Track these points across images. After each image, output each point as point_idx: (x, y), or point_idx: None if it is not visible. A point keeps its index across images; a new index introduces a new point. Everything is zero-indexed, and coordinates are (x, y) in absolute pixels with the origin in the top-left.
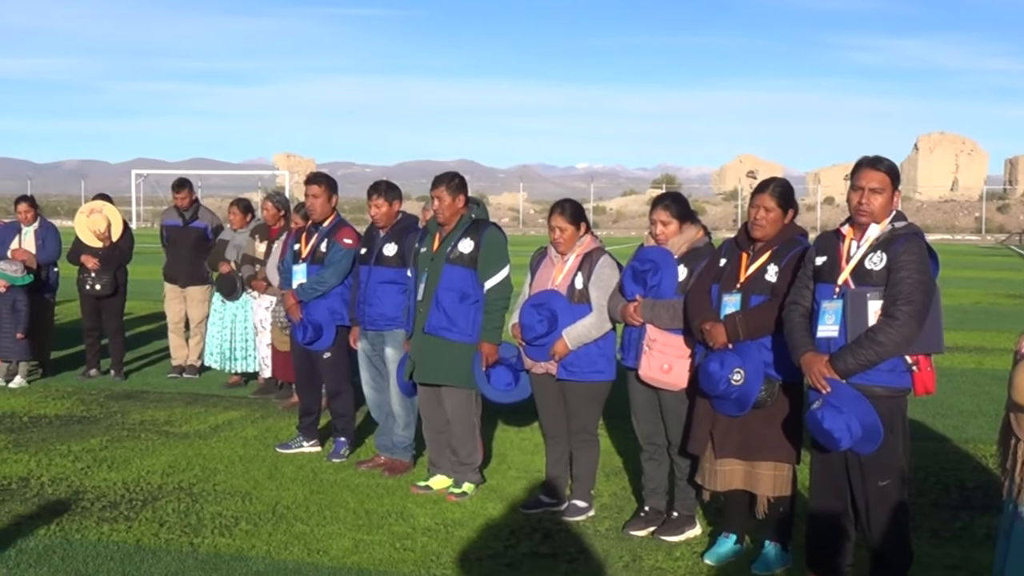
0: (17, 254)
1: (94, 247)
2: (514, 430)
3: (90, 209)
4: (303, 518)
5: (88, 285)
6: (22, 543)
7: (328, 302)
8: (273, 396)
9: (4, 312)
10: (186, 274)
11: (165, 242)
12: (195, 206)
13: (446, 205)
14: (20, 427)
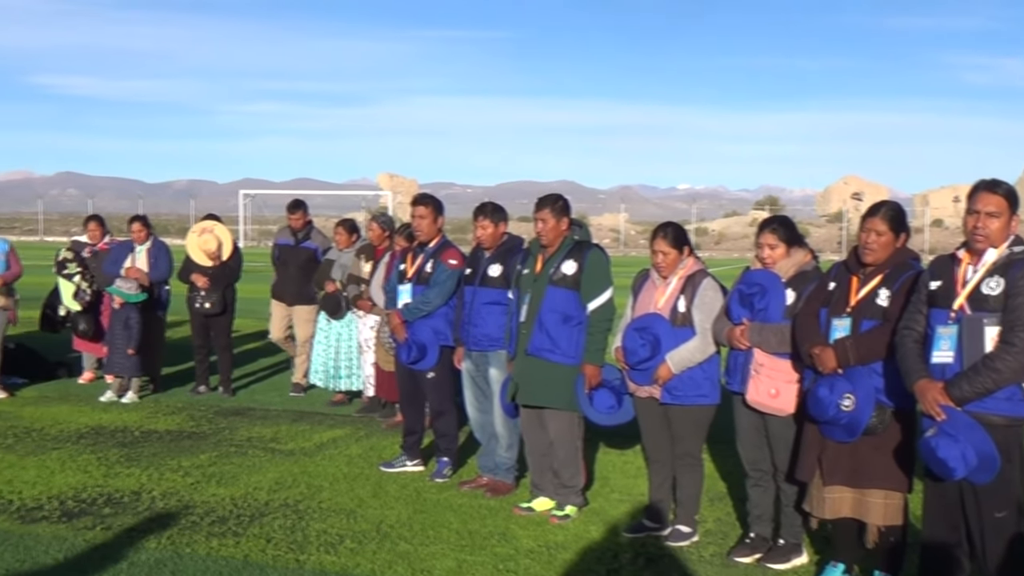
0: (131, 272)
1: (204, 266)
2: (616, 453)
3: (201, 229)
4: (407, 537)
5: (198, 303)
6: (134, 556)
7: (432, 322)
8: (377, 415)
9: (117, 328)
10: (293, 293)
11: (276, 261)
12: (308, 227)
13: (550, 227)
14: (132, 441)
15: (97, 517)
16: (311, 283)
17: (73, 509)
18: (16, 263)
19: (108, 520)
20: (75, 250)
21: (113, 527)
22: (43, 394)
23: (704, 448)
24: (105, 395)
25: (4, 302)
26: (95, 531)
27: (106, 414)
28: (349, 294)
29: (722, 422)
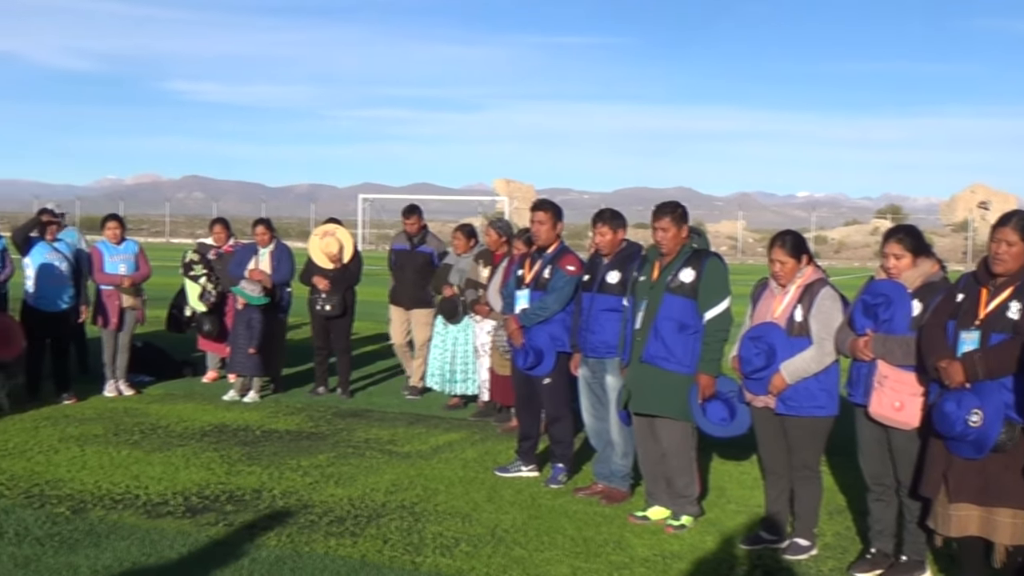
0: (254, 274)
1: (326, 269)
2: (733, 463)
3: (323, 232)
4: (521, 542)
5: (319, 305)
6: (255, 553)
7: (550, 328)
8: (492, 419)
9: (240, 329)
10: (411, 297)
11: (393, 266)
12: (423, 232)
13: (671, 236)
14: (253, 440)
15: (220, 513)
16: (427, 287)
17: (197, 505)
18: (145, 264)
19: (230, 517)
20: (201, 252)
21: (235, 524)
22: (169, 392)
23: (823, 460)
24: (228, 394)
25: (133, 302)
26: (218, 527)
27: (228, 413)
28: (467, 298)
29: (842, 434)
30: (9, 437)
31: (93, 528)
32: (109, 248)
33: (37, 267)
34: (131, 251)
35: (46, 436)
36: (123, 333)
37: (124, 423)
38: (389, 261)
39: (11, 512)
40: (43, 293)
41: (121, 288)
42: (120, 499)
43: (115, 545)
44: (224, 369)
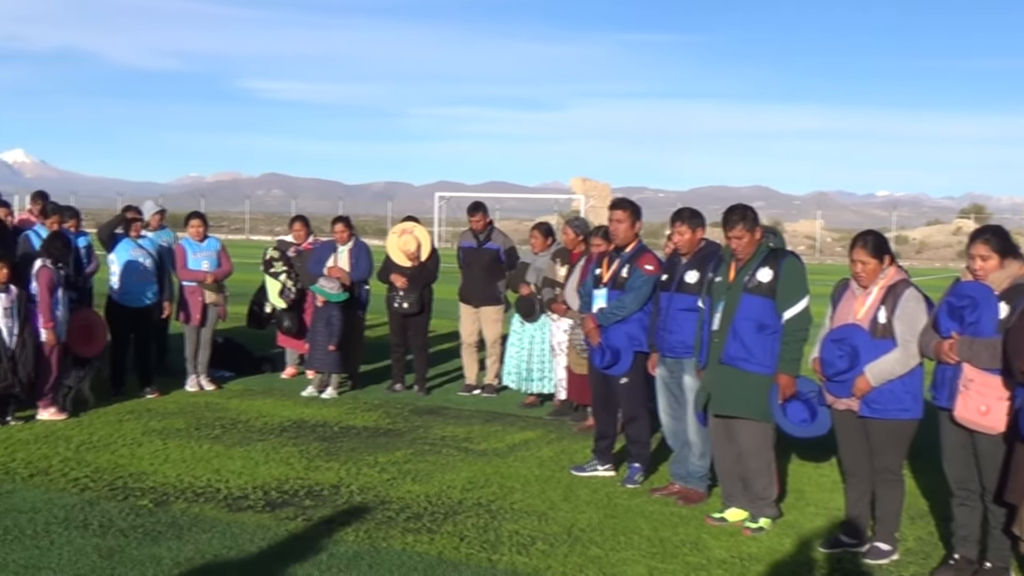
0: (333, 272)
1: (403, 266)
2: (812, 465)
3: (402, 230)
4: (598, 542)
5: (396, 303)
6: (333, 548)
7: (627, 327)
8: (568, 418)
9: (319, 326)
10: (479, 295)
11: (461, 263)
12: (489, 228)
13: (746, 242)
14: (331, 436)
15: (299, 508)
16: (496, 284)
17: (276, 499)
18: (227, 261)
19: (309, 512)
20: (281, 249)
21: (313, 519)
22: (248, 388)
23: (904, 464)
24: (306, 390)
25: (215, 298)
26: (297, 522)
27: (307, 409)
28: (544, 297)
29: (925, 437)
30: (94, 430)
31: (175, 521)
32: (192, 245)
33: (122, 263)
34: (213, 248)
35: (130, 430)
36: (205, 329)
37: (205, 417)
38: (458, 259)
39: (96, 504)
40: (127, 289)
41: (204, 284)
42: (201, 492)
43: (197, 538)
44: (303, 365)
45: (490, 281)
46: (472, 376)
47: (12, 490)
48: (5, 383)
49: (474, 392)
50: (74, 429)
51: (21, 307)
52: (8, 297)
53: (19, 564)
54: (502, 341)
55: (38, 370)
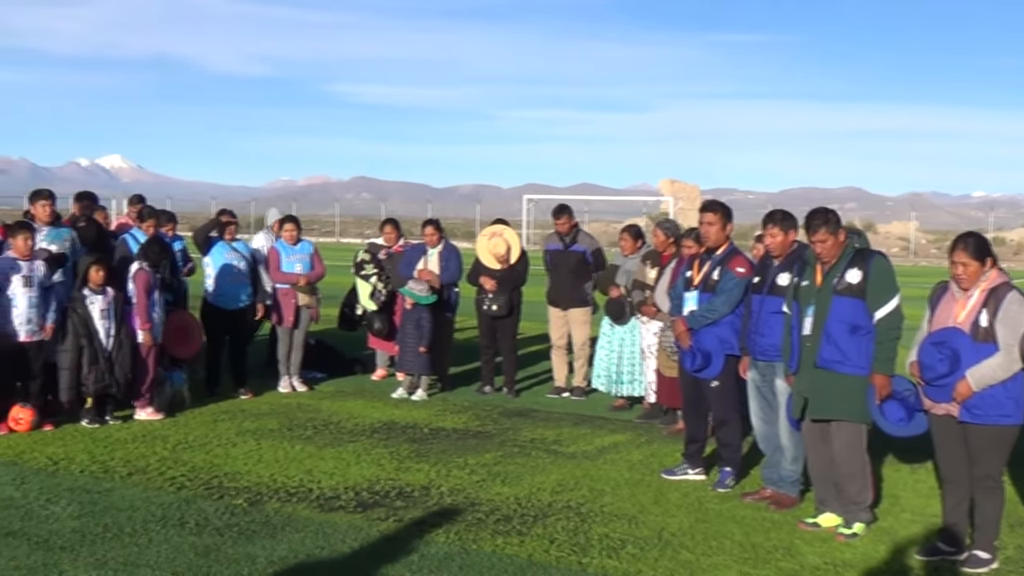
0: (423, 274)
1: (493, 269)
2: (908, 470)
3: (491, 232)
4: (688, 546)
5: (485, 305)
6: (424, 548)
7: (718, 330)
8: (658, 421)
9: (409, 328)
10: (567, 297)
11: (548, 266)
12: (575, 231)
13: (830, 245)
14: (422, 438)
15: (390, 509)
16: (584, 286)
17: (367, 500)
18: (319, 264)
19: (400, 512)
20: (372, 252)
21: (404, 519)
22: (340, 389)
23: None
24: (397, 392)
25: (308, 300)
26: (388, 522)
27: (397, 410)
28: (634, 299)
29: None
30: (190, 430)
31: (269, 520)
32: (286, 248)
33: (217, 266)
34: (306, 251)
35: (224, 430)
36: (298, 331)
37: (298, 418)
38: (545, 261)
39: (192, 503)
40: (222, 291)
41: (297, 287)
42: (294, 492)
43: (290, 537)
44: (393, 367)
45: (577, 283)
46: (562, 378)
47: (111, 488)
48: (102, 383)
49: (563, 394)
50: (170, 429)
51: (118, 309)
52: (105, 299)
53: (118, 561)
54: (591, 343)
55: (135, 371)
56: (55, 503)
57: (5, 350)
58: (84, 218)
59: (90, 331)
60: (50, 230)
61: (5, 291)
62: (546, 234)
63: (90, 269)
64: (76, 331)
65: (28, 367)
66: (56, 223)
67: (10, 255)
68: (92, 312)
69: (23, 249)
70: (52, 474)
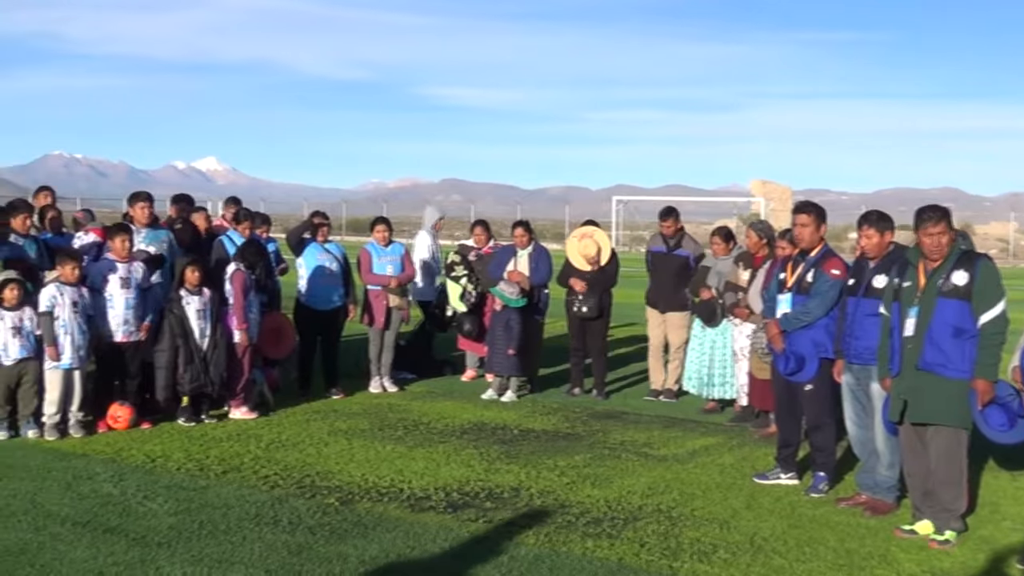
0: (513, 276)
1: (583, 271)
2: (1008, 477)
3: (582, 234)
4: (781, 552)
5: (575, 307)
6: (513, 550)
7: (812, 333)
8: (750, 424)
9: (499, 329)
10: (666, 300)
11: (650, 268)
12: (680, 234)
13: (946, 241)
14: (511, 439)
15: (479, 510)
16: (684, 290)
17: (457, 501)
18: (410, 265)
19: (489, 514)
20: (462, 253)
21: (494, 521)
22: (430, 390)
23: None
24: (486, 393)
25: (398, 302)
26: (477, 523)
27: (487, 411)
28: (725, 301)
29: None
30: (283, 429)
31: (361, 519)
32: (377, 250)
33: (310, 268)
34: (398, 253)
35: (316, 429)
36: (389, 332)
37: (388, 419)
38: (646, 263)
39: (285, 501)
40: (315, 292)
41: (388, 288)
42: (385, 492)
43: (381, 537)
44: (482, 368)
45: (678, 287)
46: (658, 381)
47: (207, 486)
48: (197, 382)
49: (659, 397)
50: (264, 428)
51: (214, 309)
52: (201, 300)
53: (213, 558)
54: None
55: (230, 370)
56: (152, 500)
57: (103, 350)
58: (181, 220)
59: (186, 331)
60: (148, 232)
61: (103, 292)
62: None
63: (186, 270)
64: (172, 331)
65: (125, 366)
66: (154, 225)
67: (109, 257)
68: (188, 313)
69: (121, 251)
70: (149, 471)
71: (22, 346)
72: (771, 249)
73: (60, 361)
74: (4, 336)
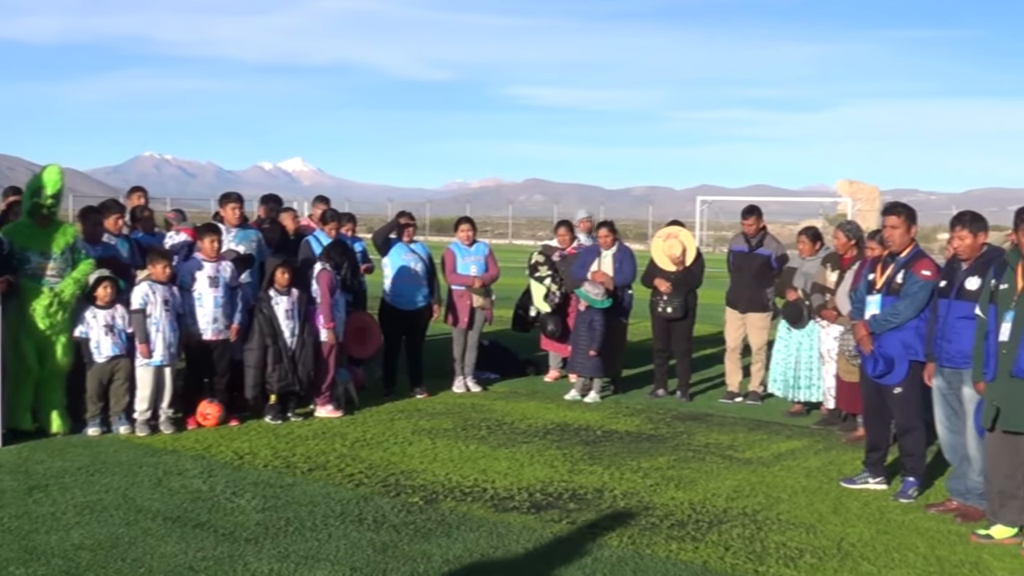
0: (597, 276)
1: (668, 271)
2: None
3: (667, 234)
4: (869, 558)
5: (660, 307)
6: (597, 552)
7: (902, 335)
8: (836, 428)
9: (582, 330)
10: (746, 300)
11: (731, 267)
12: (762, 233)
13: None
14: (594, 440)
15: (563, 511)
16: (765, 290)
17: (541, 501)
18: (494, 265)
19: (573, 515)
20: (546, 254)
21: (577, 522)
22: (513, 390)
23: None
24: (569, 394)
25: (482, 302)
26: (561, 524)
27: (570, 412)
28: (812, 303)
29: None
30: (368, 428)
31: (444, 519)
32: (461, 250)
33: (395, 267)
34: (481, 253)
35: (401, 428)
36: (472, 332)
37: (472, 418)
38: (727, 263)
39: (370, 500)
40: (399, 292)
41: (472, 288)
42: (469, 492)
43: (465, 536)
44: (565, 369)
45: (759, 287)
46: (735, 383)
47: (293, 483)
48: (286, 381)
49: (736, 399)
50: (349, 426)
51: (302, 309)
52: (290, 299)
53: (299, 555)
54: (767, 348)
55: (316, 369)
56: (240, 496)
57: (193, 348)
58: (269, 220)
59: (275, 330)
60: (238, 232)
61: (192, 291)
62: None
63: (276, 271)
64: (262, 330)
65: (214, 364)
66: (244, 225)
67: (198, 256)
68: (277, 312)
69: (210, 250)
70: (237, 468)
71: (114, 343)
72: (860, 250)
73: (151, 358)
74: (97, 334)
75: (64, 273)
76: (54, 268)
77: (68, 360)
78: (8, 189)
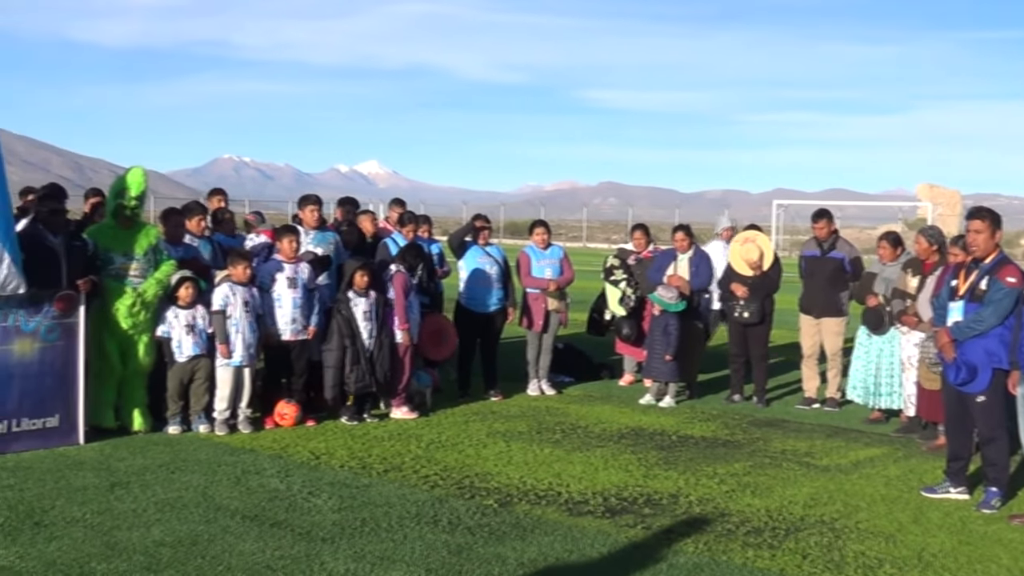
0: (672, 280)
1: (744, 275)
2: None
3: (744, 239)
4: (951, 569)
5: (737, 312)
6: (672, 558)
7: (985, 342)
8: (916, 436)
9: (657, 334)
10: (820, 305)
11: (803, 273)
12: (834, 237)
13: None
14: (669, 445)
15: (638, 516)
16: (839, 295)
17: (615, 506)
18: (569, 269)
19: (648, 520)
20: (621, 257)
21: (652, 527)
22: (587, 393)
23: None
24: (644, 398)
25: (557, 305)
26: (635, 529)
27: (645, 416)
28: (893, 309)
29: None
30: (443, 430)
31: (519, 522)
32: (536, 253)
33: (470, 270)
34: (556, 256)
35: (475, 431)
36: (547, 335)
37: (546, 421)
38: (799, 268)
39: (445, 502)
40: (474, 294)
41: (547, 291)
42: (543, 495)
43: (539, 539)
44: (640, 373)
45: (832, 291)
46: (811, 389)
47: (369, 484)
48: (363, 383)
49: (813, 406)
50: (424, 428)
51: (379, 311)
52: (368, 301)
53: (375, 556)
54: (844, 353)
55: (392, 370)
56: (317, 496)
57: (271, 348)
58: (347, 222)
59: (353, 332)
60: (316, 234)
61: (271, 292)
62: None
63: (356, 273)
64: (340, 331)
65: (292, 365)
66: (322, 227)
67: (277, 258)
68: (355, 314)
69: (289, 252)
70: (314, 468)
71: (195, 343)
72: (942, 255)
73: (231, 359)
74: (179, 333)
75: (147, 274)
76: (137, 269)
77: (150, 359)
78: (91, 191)
